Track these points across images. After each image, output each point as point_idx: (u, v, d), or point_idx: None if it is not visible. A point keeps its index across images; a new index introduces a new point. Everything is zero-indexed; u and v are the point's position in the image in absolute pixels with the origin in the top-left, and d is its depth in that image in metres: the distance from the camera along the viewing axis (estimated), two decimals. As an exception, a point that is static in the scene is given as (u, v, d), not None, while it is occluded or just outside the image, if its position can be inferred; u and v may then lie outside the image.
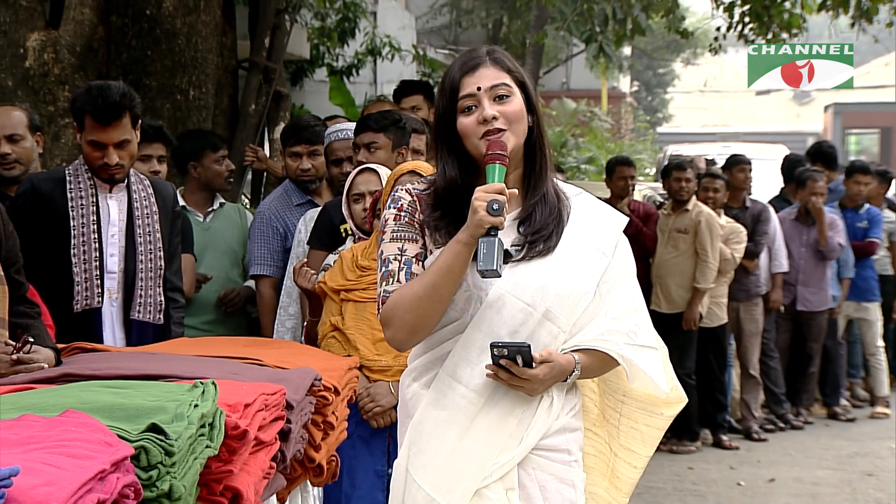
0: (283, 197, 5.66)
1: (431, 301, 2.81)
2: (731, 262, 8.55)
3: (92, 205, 4.23)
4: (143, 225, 4.33)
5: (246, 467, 2.64)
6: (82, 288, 4.19)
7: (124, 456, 2.05)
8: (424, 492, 2.86)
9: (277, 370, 3.38)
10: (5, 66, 6.20)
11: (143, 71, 6.46)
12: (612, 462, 3.12)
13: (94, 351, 3.67)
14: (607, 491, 3.12)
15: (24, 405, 2.41)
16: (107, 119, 4.18)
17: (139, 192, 4.35)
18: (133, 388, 2.68)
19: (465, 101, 2.86)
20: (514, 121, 2.85)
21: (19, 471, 1.77)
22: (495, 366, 2.79)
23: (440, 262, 2.79)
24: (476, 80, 2.86)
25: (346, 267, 4.32)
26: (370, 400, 4.17)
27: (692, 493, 7.37)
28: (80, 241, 4.19)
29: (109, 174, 4.24)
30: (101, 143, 4.20)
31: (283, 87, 8.15)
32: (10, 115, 4.73)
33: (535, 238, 2.88)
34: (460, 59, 2.95)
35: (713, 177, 8.77)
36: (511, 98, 2.86)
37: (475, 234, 2.71)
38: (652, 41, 27.27)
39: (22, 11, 6.25)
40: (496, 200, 2.69)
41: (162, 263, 4.38)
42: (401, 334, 2.88)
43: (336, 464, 3.71)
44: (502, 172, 2.78)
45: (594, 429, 3.12)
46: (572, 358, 2.85)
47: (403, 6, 17.87)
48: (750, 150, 12.94)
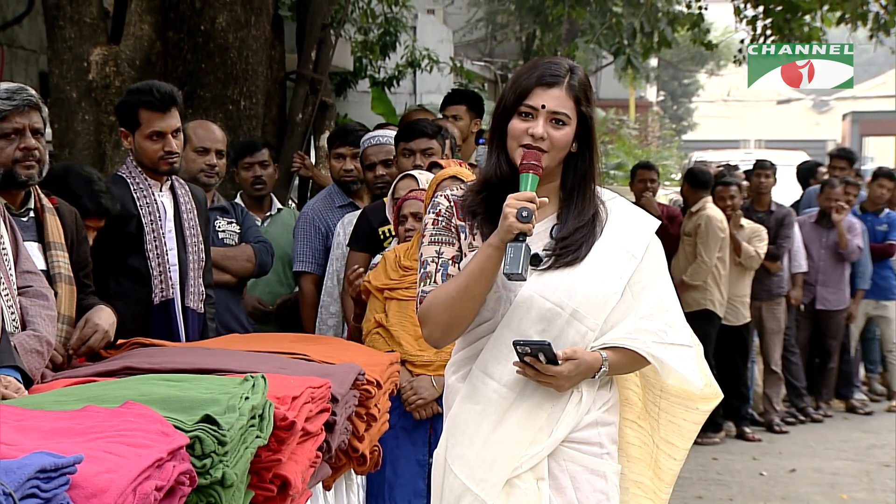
0: (327, 199, 5.66)
1: (464, 301, 2.82)
2: (756, 258, 8.51)
3: (153, 203, 4.27)
4: (188, 220, 4.36)
5: (294, 456, 2.64)
6: (158, 281, 4.23)
7: (180, 445, 2.05)
8: (460, 480, 2.87)
9: (323, 365, 3.39)
10: (70, 78, 6.25)
11: (198, 83, 6.49)
12: (655, 453, 3.10)
13: (151, 346, 3.69)
14: (652, 480, 3.10)
15: (87, 397, 2.42)
16: (164, 106, 4.21)
17: (180, 190, 4.38)
18: (188, 381, 2.69)
19: (526, 108, 2.84)
20: (557, 147, 2.84)
21: (83, 458, 1.78)
22: (521, 363, 2.79)
23: (472, 265, 2.80)
24: (545, 97, 2.83)
25: (389, 267, 4.32)
26: (413, 393, 4.17)
27: (716, 482, 7.33)
28: (152, 237, 4.23)
29: (169, 164, 4.25)
30: (161, 132, 4.20)
31: (328, 97, 8.16)
32: (213, 130, 5.11)
33: (564, 251, 2.86)
34: (542, 68, 2.88)
35: (725, 184, 8.71)
36: (565, 127, 2.84)
37: (505, 239, 2.71)
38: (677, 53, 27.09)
39: (86, 28, 6.30)
40: (526, 208, 2.69)
41: (203, 256, 4.41)
42: (436, 332, 2.91)
43: (379, 453, 3.70)
44: (535, 182, 2.77)
45: (639, 421, 3.10)
46: (599, 356, 2.84)
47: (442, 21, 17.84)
48: (771, 157, 12.85)
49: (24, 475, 1.63)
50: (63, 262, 3.61)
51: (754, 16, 11.18)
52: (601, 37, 11.86)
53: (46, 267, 3.53)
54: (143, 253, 4.21)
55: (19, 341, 2.96)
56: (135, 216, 4.22)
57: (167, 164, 4.25)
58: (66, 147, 6.23)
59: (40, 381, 2.97)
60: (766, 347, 9.08)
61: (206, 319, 4.46)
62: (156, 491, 1.90)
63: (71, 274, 3.63)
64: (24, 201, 3.59)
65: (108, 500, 1.77)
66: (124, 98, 4.36)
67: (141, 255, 4.21)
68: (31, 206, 3.61)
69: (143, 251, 4.21)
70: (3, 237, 3.09)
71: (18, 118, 3.44)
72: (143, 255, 4.21)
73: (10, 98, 3.44)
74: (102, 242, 4.07)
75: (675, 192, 12.63)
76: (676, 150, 29.00)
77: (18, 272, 3.13)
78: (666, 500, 3.13)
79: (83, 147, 6.22)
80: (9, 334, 2.86)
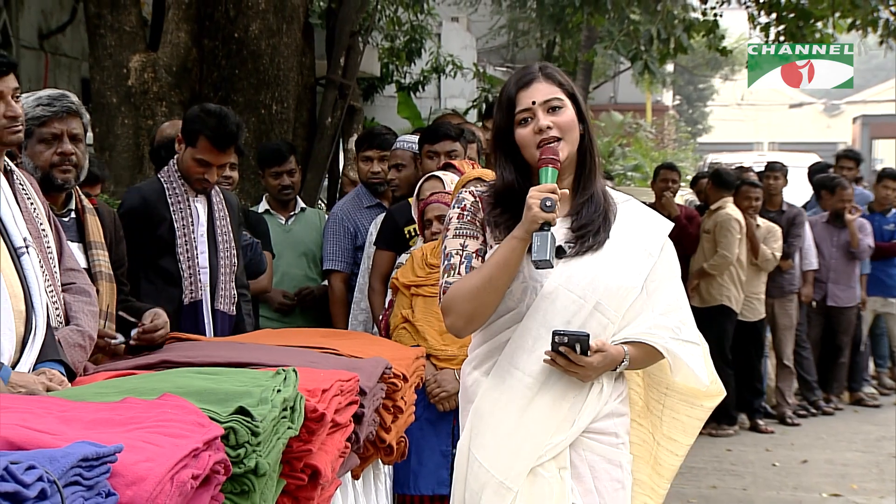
0: (355, 200, 5.67)
1: (488, 292, 2.81)
2: (772, 261, 8.49)
3: (187, 208, 4.28)
4: (221, 226, 4.37)
5: (324, 447, 2.65)
6: (188, 283, 4.24)
7: (215, 436, 2.06)
8: (485, 469, 2.86)
9: (352, 359, 3.39)
10: (111, 84, 6.30)
11: (232, 88, 6.51)
12: (654, 450, 3.08)
13: (187, 340, 3.71)
14: (650, 477, 3.08)
15: (126, 389, 2.44)
16: (223, 146, 4.20)
17: (215, 198, 4.40)
18: (223, 374, 2.70)
19: (522, 114, 2.86)
20: (567, 129, 2.84)
21: (123, 448, 1.79)
22: (554, 352, 2.77)
23: (497, 256, 2.79)
24: (531, 94, 2.85)
25: (416, 265, 4.33)
26: (437, 386, 4.17)
27: (730, 472, 7.29)
28: (183, 241, 4.24)
29: (203, 188, 4.28)
30: (208, 163, 4.22)
31: (356, 101, 8.17)
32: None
33: (584, 233, 2.86)
34: (515, 76, 2.94)
35: (752, 185, 8.67)
36: (563, 109, 2.85)
37: (529, 230, 2.71)
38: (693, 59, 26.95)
39: (125, 36, 6.34)
40: (549, 198, 2.69)
41: (235, 261, 4.42)
42: (459, 321, 2.88)
43: (405, 444, 3.70)
44: (554, 174, 2.77)
45: (639, 419, 3.08)
46: (622, 349, 2.84)
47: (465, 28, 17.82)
48: (784, 159, 12.79)
49: (67, 464, 1.64)
50: (103, 260, 3.63)
51: (767, 23, 11.13)
52: (619, 43, 11.80)
53: (88, 265, 3.55)
54: (174, 255, 4.23)
55: (63, 336, 2.97)
56: (167, 220, 4.23)
57: (201, 186, 4.27)
58: (107, 150, 6.28)
59: (83, 374, 2.99)
60: (779, 343, 9.05)
61: (241, 318, 4.48)
62: (192, 479, 1.90)
63: (111, 272, 3.65)
64: (66, 202, 3.62)
65: (146, 488, 1.77)
66: (194, 115, 4.29)
67: (172, 257, 4.23)
68: (73, 207, 3.63)
69: (174, 253, 4.23)
70: (49, 236, 3.11)
71: (57, 124, 3.46)
72: (174, 257, 4.23)
73: (51, 104, 3.46)
74: (135, 243, 4.08)
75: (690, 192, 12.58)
76: (691, 152, 28.87)
77: (62, 269, 3.15)
78: (664, 494, 3.11)
79: (122, 150, 6.26)
80: (53, 329, 2.88)
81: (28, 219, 2.97)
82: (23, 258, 2.78)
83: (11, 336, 2.68)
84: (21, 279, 2.75)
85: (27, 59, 9.14)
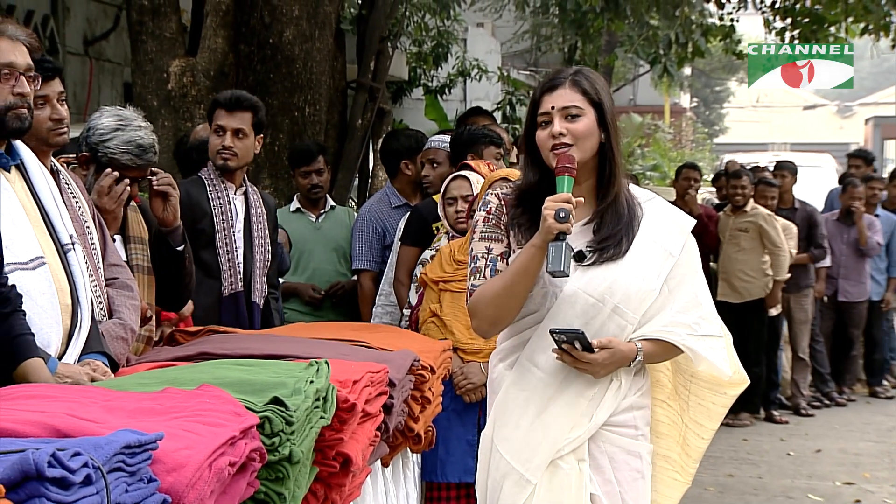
0: (383, 200, 5.65)
1: (509, 298, 2.80)
2: (791, 257, 8.43)
3: (227, 204, 4.30)
4: (258, 223, 4.39)
5: (354, 436, 2.65)
6: (227, 276, 4.27)
7: (251, 425, 2.06)
8: (506, 461, 2.87)
9: (382, 352, 3.39)
10: (151, 88, 6.32)
11: (266, 91, 6.52)
12: (683, 431, 3.08)
13: (224, 333, 3.72)
14: (680, 456, 3.08)
15: (166, 380, 2.44)
16: (231, 106, 4.25)
17: (252, 196, 4.42)
18: (258, 365, 2.70)
19: (541, 117, 2.84)
20: (581, 137, 2.80)
21: (164, 436, 1.79)
22: (559, 350, 2.77)
23: (517, 264, 2.78)
24: (552, 99, 2.83)
25: (444, 261, 4.32)
26: (463, 378, 4.17)
27: (746, 461, 7.26)
28: (223, 235, 4.27)
29: (223, 158, 4.26)
30: (223, 128, 4.24)
31: (385, 104, 8.19)
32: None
33: (605, 245, 2.83)
34: (546, 78, 2.92)
35: (768, 184, 8.63)
36: (581, 118, 2.81)
37: (546, 239, 2.69)
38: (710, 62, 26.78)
39: (166, 42, 6.37)
40: (563, 209, 2.66)
41: (269, 256, 4.44)
42: (484, 324, 2.90)
43: (432, 434, 3.70)
44: (570, 183, 2.74)
45: (668, 401, 3.07)
46: (635, 346, 2.82)
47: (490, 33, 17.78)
48: (798, 159, 12.72)
49: (111, 451, 1.65)
50: (142, 254, 3.66)
51: (783, 27, 11.06)
52: (638, 47, 11.76)
53: (127, 258, 3.58)
54: (213, 248, 4.25)
55: (106, 329, 2.99)
56: (208, 214, 4.26)
57: (221, 160, 4.28)
58: (148, 151, 6.29)
59: (125, 365, 3.00)
60: (794, 336, 9.00)
61: (270, 312, 4.50)
62: (229, 466, 1.91)
63: (150, 265, 3.68)
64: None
65: (186, 474, 1.78)
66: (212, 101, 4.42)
67: (212, 250, 4.25)
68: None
69: (214, 247, 4.25)
70: (93, 233, 3.12)
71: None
72: (214, 251, 4.25)
73: None
74: None
75: (708, 191, 12.51)
76: (708, 152, 28.70)
77: (106, 265, 3.17)
78: (692, 474, 3.10)
79: (163, 151, 6.25)
80: (97, 322, 2.89)
81: (74, 217, 2.99)
82: (69, 254, 2.79)
83: (58, 329, 2.70)
84: (67, 274, 2.76)
85: (73, 65, 9.20)
